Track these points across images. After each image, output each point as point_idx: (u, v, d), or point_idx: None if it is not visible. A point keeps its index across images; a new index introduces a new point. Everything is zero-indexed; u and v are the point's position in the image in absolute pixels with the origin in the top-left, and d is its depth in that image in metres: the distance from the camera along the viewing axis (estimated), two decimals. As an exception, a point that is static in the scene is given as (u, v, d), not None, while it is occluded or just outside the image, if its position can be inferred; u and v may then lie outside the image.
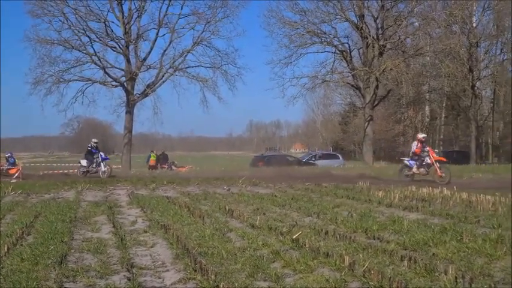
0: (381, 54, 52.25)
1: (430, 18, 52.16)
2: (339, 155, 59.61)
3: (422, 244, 8.31)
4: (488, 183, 23.89)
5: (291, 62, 53.57)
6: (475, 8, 58.91)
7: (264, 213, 12.71)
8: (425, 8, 53.79)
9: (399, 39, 53.08)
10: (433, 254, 7.64)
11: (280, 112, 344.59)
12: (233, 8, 50.84)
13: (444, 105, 71.27)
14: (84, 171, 32.23)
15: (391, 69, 50.43)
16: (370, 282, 6.17)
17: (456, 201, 14.51)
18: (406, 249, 8.06)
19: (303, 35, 53.34)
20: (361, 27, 52.13)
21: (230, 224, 11.08)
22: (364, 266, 6.61)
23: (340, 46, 53.97)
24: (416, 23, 54.76)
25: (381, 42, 52.21)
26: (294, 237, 8.89)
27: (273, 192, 18.90)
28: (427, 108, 73.48)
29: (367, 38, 52.31)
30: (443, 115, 73.10)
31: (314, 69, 55.30)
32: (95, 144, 32.85)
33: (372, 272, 6.30)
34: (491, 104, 65.11)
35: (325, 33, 53.62)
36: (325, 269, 6.96)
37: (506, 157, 64.65)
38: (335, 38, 53.89)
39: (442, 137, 74.92)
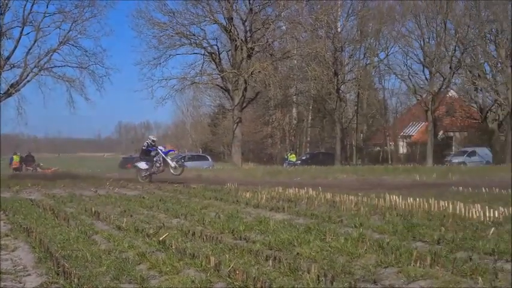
0: (249, 56, 52.86)
1: (297, 22, 53.32)
2: (208, 157, 59.84)
3: (287, 244, 8.44)
4: (352, 183, 24.59)
5: (160, 63, 53.36)
6: (339, 13, 60.82)
7: (131, 215, 12.56)
8: (293, 12, 54.97)
9: (267, 42, 53.92)
10: (298, 253, 7.78)
11: (149, 113, 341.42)
12: (101, 8, 49.72)
13: (311, 107, 72.89)
14: (146, 175, 26.86)
15: (259, 71, 51.11)
16: (235, 283, 6.21)
17: (321, 202, 14.85)
18: (271, 249, 8.16)
19: (172, 36, 53.23)
20: (230, 30, 52.56)
21: (96, 227, 10.90)
22: (229, 267, 6.65)
23: (209, 48, 54.25)
24: (284, 27, 55.93)
25: (249, 45, 52.84)
26: (161, 238, 8.83)
27: (141, 194, 18.74)
28: (294, 110, 74.95)
29: (235, 41, 52.78)
30: (310, 117, 74.75)
31: (183, 71, 55.39)
32: (153, 143, 27.72)
33: (237, 272, 6.34)
34: (355, 107, 67.21)
35: (194, 35, 53.74)
36: (191, 270, 6.95)
37: (369, 158, 66.98)
38: (204, 40, 54.14)
39: (308, 139, 76.58)
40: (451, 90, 63.99)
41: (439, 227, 9.64)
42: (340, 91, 61.40)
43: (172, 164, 26.65)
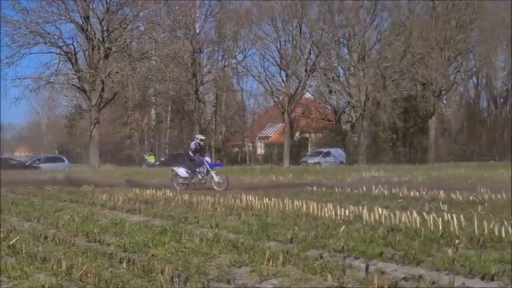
0: (106, 56, 52.00)
1: (155, 23, 52.97)
2: (65, 158, 58.31)
3: (142, 245, 8.38)
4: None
5: (13, 62, 51.28)
6: (197, 14, 61.04)
7: (-21, 220, 12.05)
8: (151, 12, 54.52)
9: (125, 42, 53.23)
10: (152, 255, 7.74)
11: (2, 113, 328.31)
12: None
13: (170, 108, 72.63)
14: (182, 183, 23.78)
15: (116, 72, 50.40)
16: (86, 286, 6.11)
17: (178, 203, 14.84)
18: (126, 251, 8.08)
19: (26, 34, 51.38)
20: (87, 29, 51.49)
21: None
22: (81, 270, 6.52)
23: (65, 47, 52.79)
24: (142, 27, 55.39)
25: (107, 45, 51.99)
26: (11, 243, 8.54)
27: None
28: (153, 111, 74.41)
29: (92, 40, 51.77)
30: (169, 118, 74.50)
31: (38, 71, 53.44)
32: (201, 142, 25.16)
33: (89, 275, 6.24)
34: (214, 108, 67.56)
35: (49, 34, 52.11)
36: (42, 274, 6.77)
37: (228, 159, 67.52)
38: (59, 39, 52.63)
39: (168, 140, 76.32)
40: (307, 93, 65.71)
41: (293, 226, 9.86)
42: (199, 92, 61.70)
43: (216, 178, 23.59)
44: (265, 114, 74.24)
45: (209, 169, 23.79)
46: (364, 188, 19.02)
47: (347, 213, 11.17)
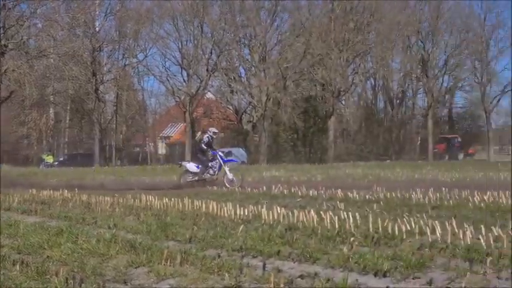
0: (2, 54, 50.47)
1: (53, 20, 51.79)
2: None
3: (37, 247, 8.18)
4: (110, 184, 24.41)
5: None
6: (97, 12, 60.16)
7: None
8: (49, 9, 53.29)
9: (22, 39, 51.81)
10: (48, 256, 7.56)
11: None
12: None
13: (69, 108, 71.23)
14: (192, 180, 22.57)
15: (13, 70, 49.06)
16: (-23, 290, 5.94)
17: (76, 203, 14.60)
18: (20, 253, 7.88)
19: None
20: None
21: None
22: (-29, 274, 6.34)
23: None
24: (40, 24, 54.08)
25: (3, 42, 50.47)
26: None
27: None
28: (51, 110, 72.78)
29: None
30: (68, 118, 73.07)
31: None
32: (214, 135, 23.58)
33: (-20, 279, 6.06)
34: (115, 108, 66.69)
35: None
36: None
37: (129, 159, 66.86)
38: None
39: (67, 139, 74.87)
40: (208, 92, 65.83)
41: (192, 226, 9.87)
42: (99, 91, 60.70)
43: (230, 175, 22.13)
44: (167, 114, 73.93)
45: (222, 164, 22.43)
46: (264, 188, 19.23)
47: (246, 213, 11.24)
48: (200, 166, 22.51)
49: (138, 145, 74.00)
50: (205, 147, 22.62)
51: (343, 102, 69.37)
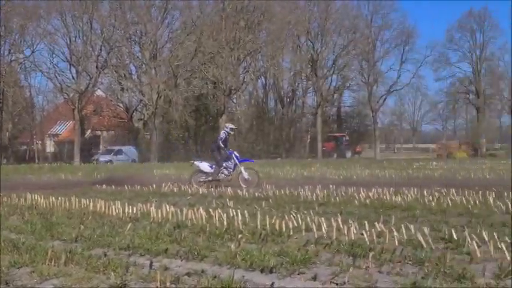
0: None
1: None
2: None
3: None
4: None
5: None
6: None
7: None
8: None
9: None
10: None
11: None
12: None
13: None
14: (204, 181, 20.89)
15: None
16: None
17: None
18: None
19: None
20: None
21: None
22: None
23: None
24: None
25: None
26: None
27: None
28: None
29: None
30: None
31: None
32: (231, 131, 22.04)
33: None
34: (0, 104, 64.60)
35: None
36: None
37: (15, 158, 64.94)
38: None
39: None
40: (98, 90, 64.80)
41: (78, 225, 9.72)
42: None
43: (246, 175, 20.83)
44: (55, 111, 72.13)
45: (238, 164, 21.22)
46: (154, 186, 19.16)
47: (135, 211, 11.18)
48: (214, 166, 21.28)
49: (25, 143, 71.89)
50: (222, 145, 21.34)
51: (235, 100, 69.74)
